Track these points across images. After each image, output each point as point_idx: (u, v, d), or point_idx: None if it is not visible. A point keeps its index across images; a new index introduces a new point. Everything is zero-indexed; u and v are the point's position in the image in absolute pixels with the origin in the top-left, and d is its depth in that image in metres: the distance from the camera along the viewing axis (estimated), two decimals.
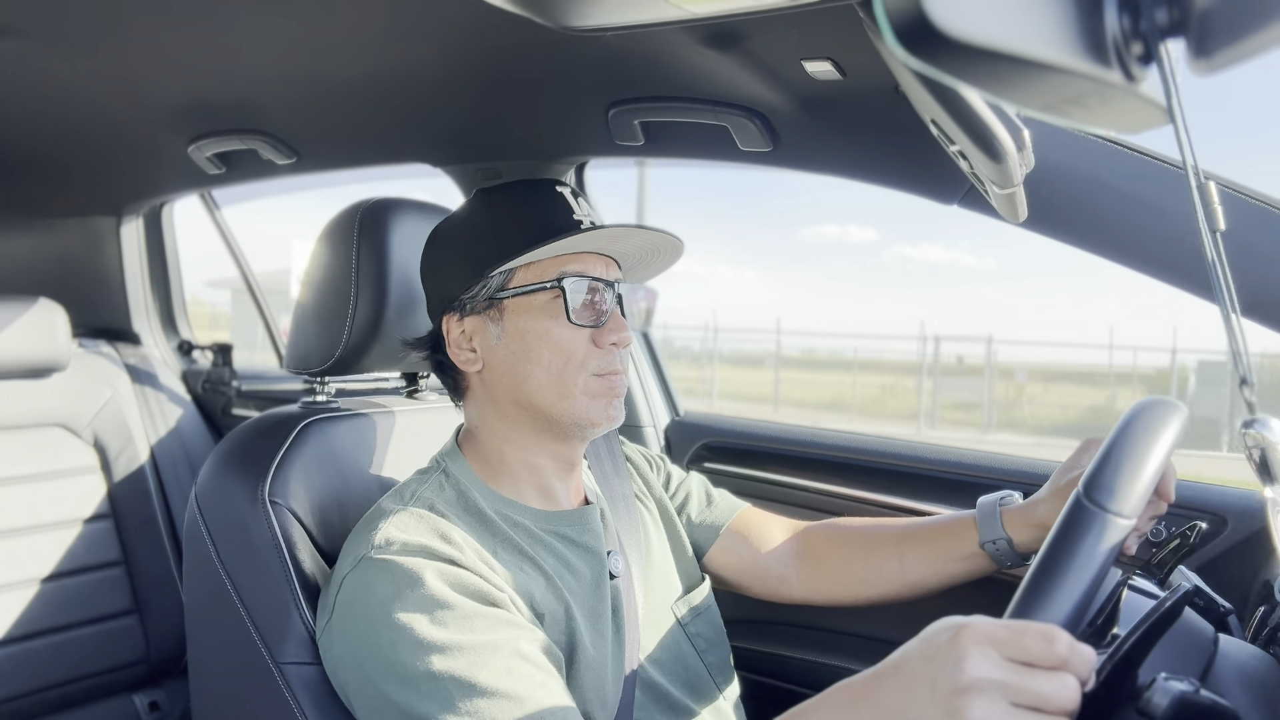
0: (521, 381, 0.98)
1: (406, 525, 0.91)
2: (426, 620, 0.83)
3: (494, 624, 0.85)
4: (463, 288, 0.99)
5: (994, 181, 0.89)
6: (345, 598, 0.90)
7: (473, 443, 1.03)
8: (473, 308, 0.99)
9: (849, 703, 0.67)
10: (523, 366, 0.97)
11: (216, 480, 1.08)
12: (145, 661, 1.82)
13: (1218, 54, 0.38)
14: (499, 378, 0.99)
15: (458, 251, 1.01)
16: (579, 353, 0.97)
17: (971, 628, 0.62)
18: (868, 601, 1.18)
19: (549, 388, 0.97)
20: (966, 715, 0.59)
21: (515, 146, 1.55)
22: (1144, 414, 0.75)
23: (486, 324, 0.99)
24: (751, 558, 1.21)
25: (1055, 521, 0.72)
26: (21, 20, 1.18)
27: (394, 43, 1.18)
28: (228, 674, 1.07)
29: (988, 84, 0.39)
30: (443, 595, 0.84)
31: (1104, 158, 1.08)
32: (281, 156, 1.63)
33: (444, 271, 1.02)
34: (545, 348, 0.97)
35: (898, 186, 1.24)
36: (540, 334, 0.97)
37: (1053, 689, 0.59)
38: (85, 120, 1.64)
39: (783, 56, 1.05)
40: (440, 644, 0.82)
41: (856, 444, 1.58)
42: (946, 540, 1.13)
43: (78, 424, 1.79)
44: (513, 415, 1.00)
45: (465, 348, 1.00)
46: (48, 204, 2.13)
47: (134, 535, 1.83)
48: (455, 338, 1.01)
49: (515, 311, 0.98)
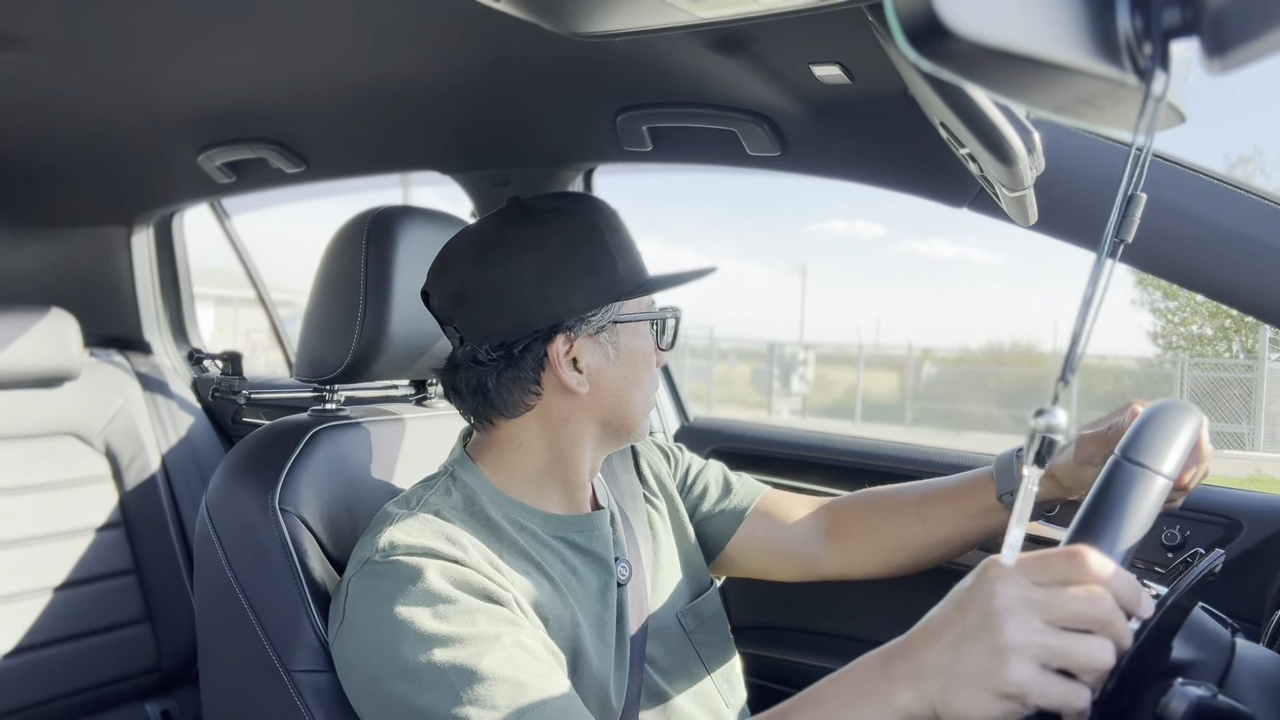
0: (625, 402, 1.01)
1: (410, 529, 0.91)
2: (428, 614, 0.83)
3: (496, 620, 0.84)
4: (587, 309, 0.97)
5: (1004, 184, 0.89)
6: (350, 602, 0.90)
7: (498, 454, 1.01)
8: (587, 329, 0.98)
9: (880, 665, 0.67)
10: (629, 388, 1.01)
11: (227, 488, 1.08)
12: (157, 670, 1.82)
13: (1231, 53, 0.38)
14: (601, 398, 0.99)
15: (577, 273, 0.96)
16: (654, 372, 1.06)
17: (994, 562, 0.62)
18: (900, 569, 1.19)
19: (642, 407, 1.03)
20: (1000, 638, 0.58)
21: (524, 153, 1.55)
22: (1165, 404, 0.78)
23: (602, 346, 0.99)
24: (779, 540, 1.21)
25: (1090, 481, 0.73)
26: (32, 31, 1.19)
27: (402, 50, 1.18)
28: (239, 682, 1.07)
29: (999, 85, 0.39)
30: (444, 591, 0.84)
31: (1116, 159, 1.07)
32: (290, 165, 1.64)
33: (557, 289, 0.95)
34: (645, 371, 1.03)
35: (907, 190, 1.24)
36: (644, 357, 1.03)
37: (1085, 606, 0.58)
38: (96, 131, 1.65)
39: (791, 61, 1.05)
40: (442, 636, 0.82)
41: (867, 448, 1.58)
42: (966, 496, 1.13)
43: (89, 433, 1.79)
44: (588, 432, 1.01)
45: (573, 369, 0.98)
46: (59, 214, 2.14)
47: (145, 544, 1.83)
48: (562, 358, 0.97)
49: (629, 335, 1.01)
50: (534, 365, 0.97)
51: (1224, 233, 1.04)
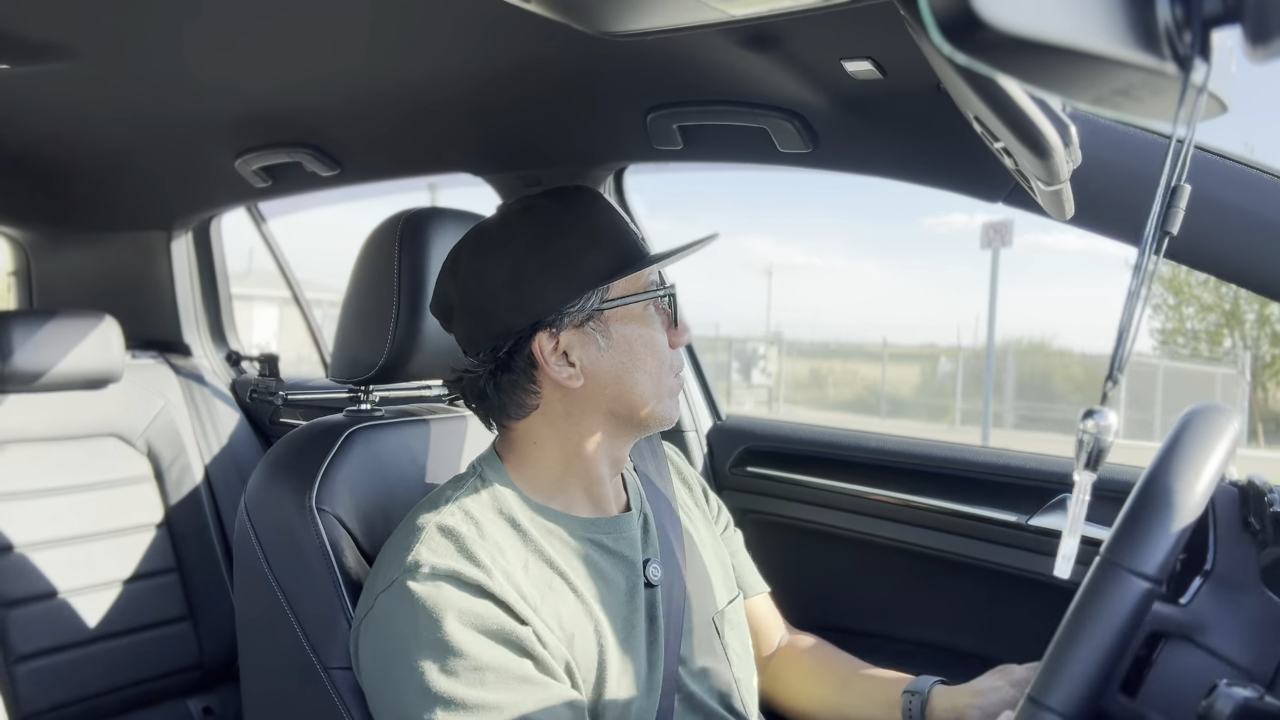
0: (628, 390, 0.98)
1: (437, 546, 0.91)
2: (437, 669, 0.86)
3: (504, 680, 0.86)
4: (564, 302, 0.95)
5: (1040, 178, 0.87)
6: (375, 618, 0.92)
7: (519, 455, 1.01)
8: (571, 321, 0.96)
9: None
10: (630, 375, 0.98)
11: (265, 488, 1.10)
12: (199, 667, 1.85)
13: (1274, 40, 0.37)
14: (601, 389, 0.98)
15: (547, 267, 0.95)
16: (667, 355, 1.01)
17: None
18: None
19: (650, 393, 0.99)
20: None
21: (555, 154, 1.55)
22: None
23: (590, 336, 0.97)
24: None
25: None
26: (78, 42, 1.21)
27: (434, 52, 1.19)
28: (278, 679, 1.08)
29: (1035, 77, 0.38)
30: (458, 641, 0.86)
31: (1155, 152, 1.05)
32: (325, 169, 1.66)
33: (529, 288, 0.95)
34: (650, 354, 0.99)
35: (940, 185, 1.22)
36: (646, 341, 0.99)
37: None
38: (137, 138, 1.68)
39: (822, 57, 1.05)
40: (445, 696, 0.85)
41: (900, 447, 1.56)
42: (880, 685, 1.16)
43: (131, 434, 1.83)
44: (598, 425, 1.00)
45: (563, 363, 0.97)
46: (101, 219, 2.18)
47: (186, 543, 1.86)
48: (549, 354, 0.96)
49: (620, 321, 0.98)
50: (525, 366, 0.97)
51: (1269, 225, 1.01)
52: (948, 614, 1.53)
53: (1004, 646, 1.45)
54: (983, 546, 1.43)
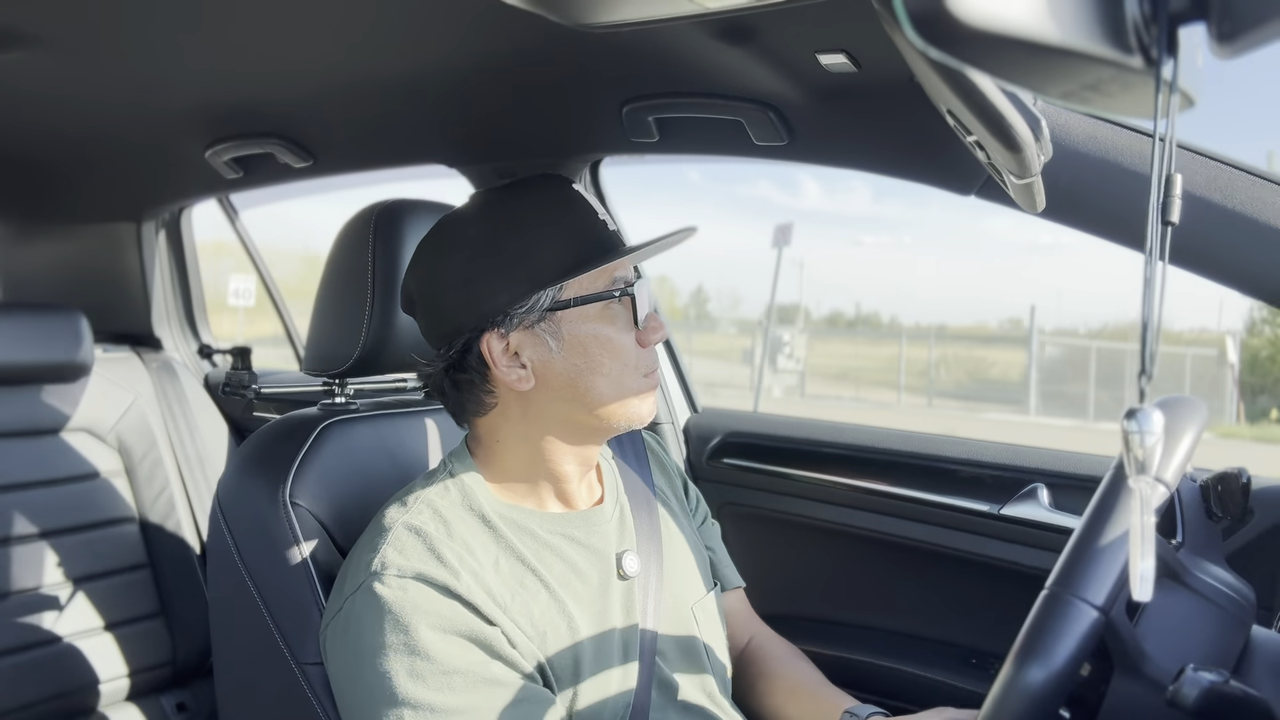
0: (583, 393, 0.95)
1: (404, 546, 0.91)
2: (405, 673, 0.86)
3: (472, 683, 0.86)
4: (512, 303, 0.93)
5: (1011, 171, 0.88)
6: (343, 621, 0.92)
7: (487, 451, 1.01)
8: (521, 322, 0.93)
9: None
10: (585, 377, 0.95)
11: (238, 483, 1.09)
12: (172, 663, 1.83)
13: (1239, 38, 0.37)
14: (554, 391, 0.95)
15: (498, 266, 0.93)
16: (632, 356, 0.97)
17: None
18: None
19: (610, 395, 0.95)
20: None
21: (531, 146, 1.55)
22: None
23: (540, 338, 0.94)
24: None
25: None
26: (40, 29, 1.19)
27: (408, 43, 1.18)
28: (251, 674, 1.08)
29: (1007, 72, 0.38)
30: (425, 645, 0.86)
31: (1126, 145, 1.07)
32: (298, 159, 1.64)
33: (479, 287, 0.93)
34: (607, 356, 0.95)
35: (914, 178, 1.23)
36: (603, 342, 0.95)
37: None
38: (104, 127, 1.65)
39: (797, 49, 1.05)
40: (412, 701, 0.85)
41: (877, 439, 1.58)
42: (822, 704, 1.11)
43: (101, 428, 1.80)
44: (556, 427, 0.98)
45: (514, 365, 0.94)
46: (69, 211, 2.15)
47: (159, 538, 1.84)
48: (499, 355, 0.94)
49: (573, 321, 0.94)
50: (477, 365, 0.95)
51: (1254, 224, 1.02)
52: (923, 603, 1.55)
53: (977, 634, 1.47)
54: (957, 536, 1.45)
